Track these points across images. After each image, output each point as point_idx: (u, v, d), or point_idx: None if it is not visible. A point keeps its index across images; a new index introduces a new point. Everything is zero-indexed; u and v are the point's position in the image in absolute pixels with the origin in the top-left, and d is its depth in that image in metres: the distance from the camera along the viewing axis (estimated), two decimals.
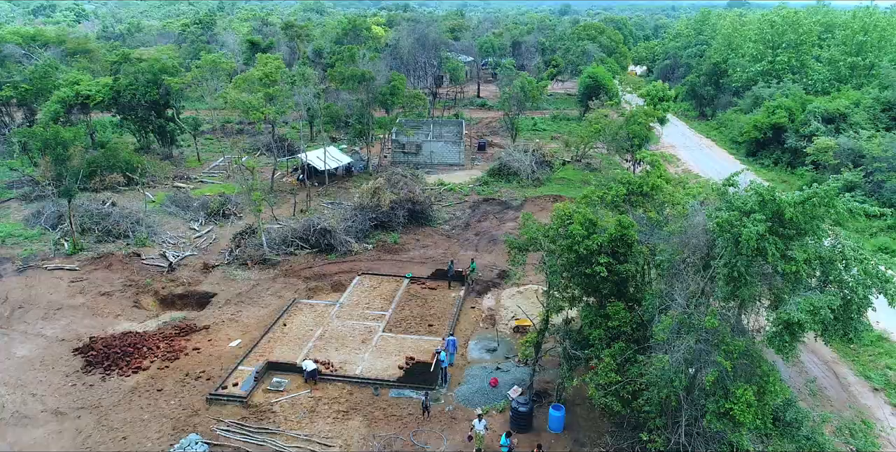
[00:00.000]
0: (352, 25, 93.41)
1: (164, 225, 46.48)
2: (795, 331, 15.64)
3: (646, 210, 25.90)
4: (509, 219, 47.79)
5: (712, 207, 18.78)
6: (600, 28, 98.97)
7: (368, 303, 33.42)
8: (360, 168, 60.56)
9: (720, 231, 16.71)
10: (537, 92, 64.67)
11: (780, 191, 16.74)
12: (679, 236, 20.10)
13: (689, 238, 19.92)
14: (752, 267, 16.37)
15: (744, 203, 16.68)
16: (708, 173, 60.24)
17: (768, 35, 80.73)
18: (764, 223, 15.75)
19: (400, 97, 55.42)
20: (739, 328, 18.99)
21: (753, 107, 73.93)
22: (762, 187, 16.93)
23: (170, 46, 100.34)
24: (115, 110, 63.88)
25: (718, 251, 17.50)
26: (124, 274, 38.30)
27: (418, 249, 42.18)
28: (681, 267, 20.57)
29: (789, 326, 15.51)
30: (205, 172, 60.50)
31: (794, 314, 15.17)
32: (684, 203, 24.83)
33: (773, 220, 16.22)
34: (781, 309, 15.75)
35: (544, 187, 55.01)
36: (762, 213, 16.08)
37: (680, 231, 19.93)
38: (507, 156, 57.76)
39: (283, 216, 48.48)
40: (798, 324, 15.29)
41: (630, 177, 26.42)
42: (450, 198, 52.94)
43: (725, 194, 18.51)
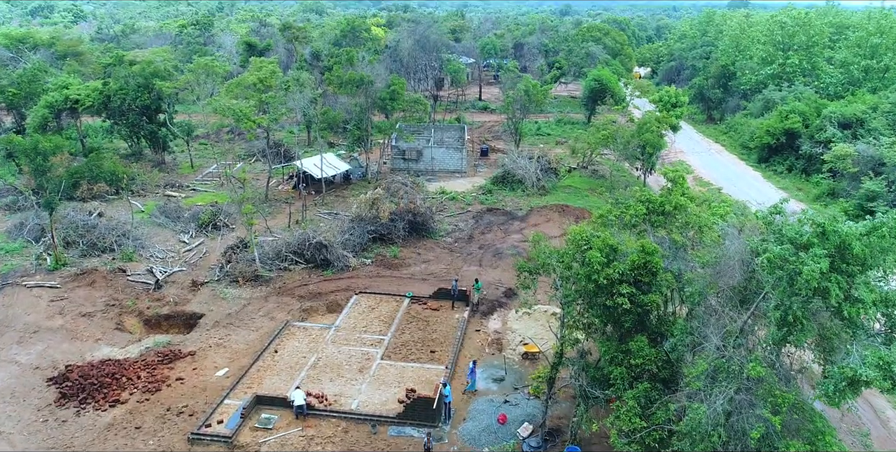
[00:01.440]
0: (351, 27, 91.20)
1: (152, 237, 44.31)
2: (859, 388, 13.46)
3: (668, 231, 23.73)
4: (514, 231, 45.61)
5: (755, 237, 16.56)
6: (605, 29, 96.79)
7: (366, 326, 31.25)
8: (358, 175, 58.37)
9: (770, 267, 14.50)
10: (542, 96, 62.48)
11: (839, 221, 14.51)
12: (712, 267, 17.90)
13: (724, 269, 17.76)
14: (809, 309, 14.17)
15: (798, 234, 14.46)
16: (719, 180, 58.13)
17: (778, 36, 78.57)
18: (826, 259, 13.55)
19: (400, 102, 53.24)
20: (784, 373, 16.80)
21: (764, 112, 71.78)
22: (820, 216, 14.71)
23: (165, 48, 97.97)
24: (105, 115, 61.80)
25: (765, 288, 15.30)
26: (108, 292, 36.13)
27: (419, 264, 40.00)
28: (714, 301, 18.40)
29: (853, 383, 13.33)
30: (198, 179, 58.33)
31: (862, 370, 13.00)
32: (710, 223, 22.67)
33: (835, 255, 14.03)
34: (845, 362, 13.57)
35: (550, 196, 52.81)
36: (822, 247, 13.87)
37: (713, 261, 17.72)
38: (510, 163, 55.57)
39: (277, 227, 46.31)
40: (865, 382, 13.13)
41: (650, 195, 24.22)
42: (452, 207, 50.75)
43: (772, 223, 16.28)
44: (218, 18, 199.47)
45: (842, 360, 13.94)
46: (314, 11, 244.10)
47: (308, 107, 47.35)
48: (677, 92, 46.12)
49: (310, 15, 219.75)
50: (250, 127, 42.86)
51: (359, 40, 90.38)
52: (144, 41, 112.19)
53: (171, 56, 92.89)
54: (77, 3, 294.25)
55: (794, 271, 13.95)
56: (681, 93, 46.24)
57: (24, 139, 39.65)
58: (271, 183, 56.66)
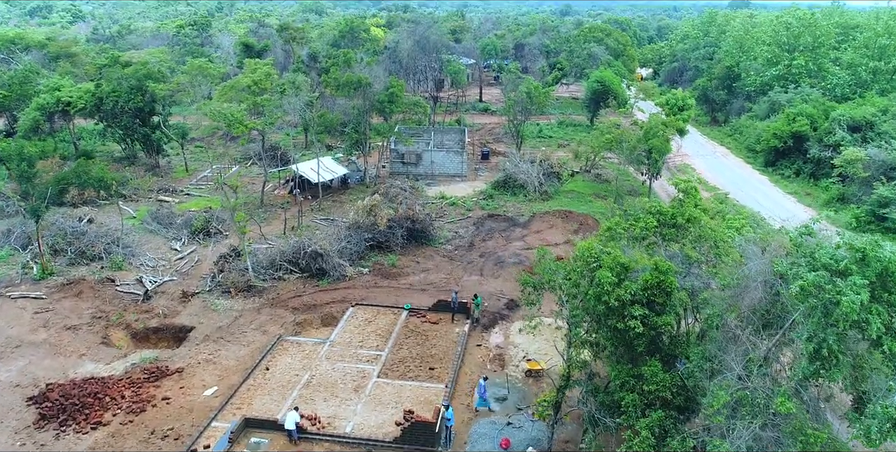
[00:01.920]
0: (349, 27, 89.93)
1: (143, 244, 43.01)
2: None
3: (681, 245, 22.43)
4: (516, 238, 44.29)
5: (782, 260, 15.22)
6: (607, 30, 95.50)
7: (362, 341, 29.93)
8: (356, 179, 57.06)
9: (803, 295, 13.18)
10: (544, 98, 61.18)
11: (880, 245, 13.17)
12: (733, 289, 16.58)
13: (745, 290, 16.44)
14: (846, 343, 12.86)
15: (834, 260, 13.13)
16: (725, 184, 56.80)
17: (783, 37, 77.26)
18: (866, 289, 12.24)
19: (399, 104, 51.94)
20: (811, 405, 15.48)
21: (770, 114, 70.53)
22: (859, 240, 13.38)
23: (161, 49, 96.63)
24: (97, 117, 60.52)
25: (793, 315, 13.97)
26: (95, 303, 34.80)
27: (418, 273, 38.67)
28: (734, 325, 17.08)
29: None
30: (192, 183, 56.99)
31: None
32: (725, 237, 21.35)
33: (876, 283, 12.72)
34: (888, 401, 12.25)
35: (553, 201, 51.49)
36: (862, 275, 12.55)
37: (735, 283, 16.40)
38: (512, 167, 54.24)
39: (272, 234, 45.01)
40: None
41: (661, 206, 22.90)
42: (452, 213, 49.44)
43: (802, 245, 14.94)
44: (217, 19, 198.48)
45: (883, 397, 12.60)
46: (314, 11, 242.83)
47: (304, 111, 46.00)
48: (684, 95, 44.81)
49: (309, 15, 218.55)
50: (242, 131, 41.53)
51: (358, 41, 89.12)
52: (141, 42, 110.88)
53: (167, 57, 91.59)
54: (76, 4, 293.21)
55: (830, 301, 12.64)
56: (687, 95, 44.87)
57: (8, 144, 38.27)
58: (267, 187, 55.36)
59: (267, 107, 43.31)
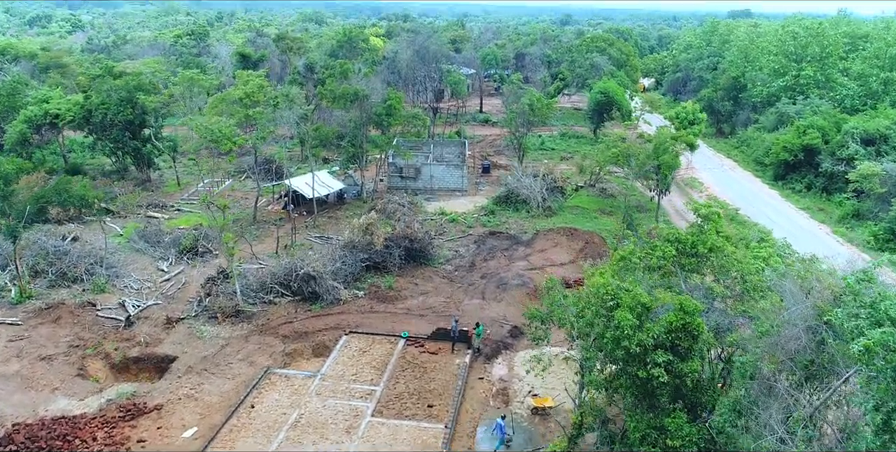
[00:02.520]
0: (348, 37, 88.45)
1: (129, 264, 41.06)
2: None
3: (702, 276, 20.48)
4: (519, 257, 42.30)
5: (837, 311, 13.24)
6: (609, 40, 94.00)
7: (356, 374, 27.90)
8: (353, 194, 55.18)
9: (867, 356, 11.23)
10: (547, 110, 59.43)
11: None
12: (772, 337, 14.61)
13: (786, 339, 14.46)
14: None
15: None
16: (734, 199, 54.91)
17: (791, 47, 75.63)
18: None
19: (397, 117, 50.13)
20: None
21: (778, 126, 68.76)
22: None
23: (157, 59, 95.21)
24: (87, 130, 58.80)
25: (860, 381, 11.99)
26: (73, 330, 32.81)
27: (416, 297, 36.67)
28: (771, 376, 15.10)
29: None
30: (183, 198, 55.09)
31: None
32: (753, 270, 19.38)
33: None
34: None
35: (557, 217, 49.57)
36: None
37: (774, 330, 14.43)
38: (514, 181, 52.39)
39: (264, 253, 43.05)
40: None
41: (679, 234, 20.97)
42: (452, 230, 47.52)
43: (860, 294, 12.98)
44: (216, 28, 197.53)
45: None
46: (313, 21, 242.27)
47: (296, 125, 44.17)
48: (694, 108, 43.02)
49: (308, 25, 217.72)
50: (230, 148, 39.67)
51: (356, 51, 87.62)
52: (137, 52, 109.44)
53: (162, 67, 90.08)
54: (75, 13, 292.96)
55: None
56: (697, 109, 43.08)
57: None
58: (261, 202, 53.46)
59: (259, 120, 41.46)
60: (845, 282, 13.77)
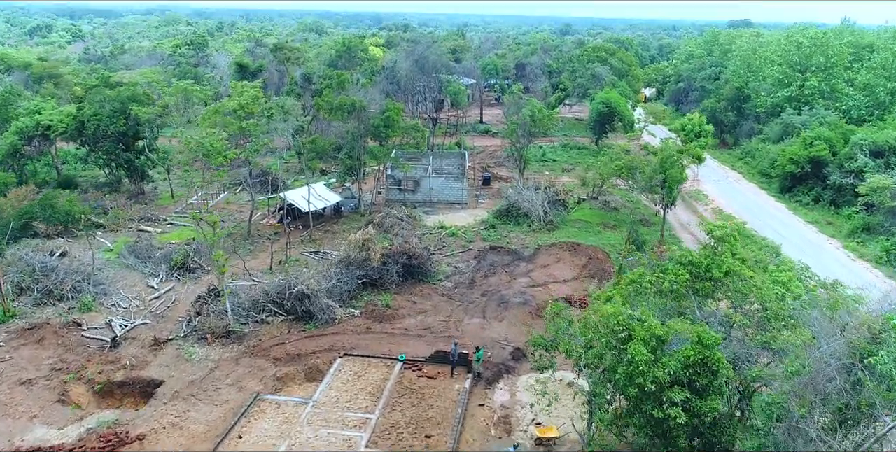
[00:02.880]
0: (347, 47, 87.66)
1: (118, 281, 39.79)
2: None
3: (716, 300, 19.18)
4: (521, 274, 40.99)
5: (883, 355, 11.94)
6: (611, 50, 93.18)
7: (350, 401, 26.52)
8: (350, 207, 53.96)
9: None
10: (548, 121, 58.28)
11: None
12: (803, 376, 13.29)
13: (818, 379, 13.15)
14: None
15: None
16: (740, 212, 53.65)
17: (795, 57, 74.65)
18: None
19: (395, 129, 49.00)
20: None
21: (783, 137, 67.66)
22: None
23: (154, 69, 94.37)
24: (79, 142, 57.73)
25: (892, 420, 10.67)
26: (57, 351, 31.47)
27: (414, 315, 35.33)
28: (800, 418, 13.76)
29: None
30: (177, 211, 53.86)
31: None
32: (773, 296, 18.08)
33: None
34: None
35: (559, 231, 48.32)
36: None
37: (806, 371, 13.12)
38: (515, 194, 51.16)
39: (258, 269, 41.77)
40: None
41: (692, 256, 19.69)
42: (452, 245, 46.25)
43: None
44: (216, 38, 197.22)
45: None
46: (314, 31, 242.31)
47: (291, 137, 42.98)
48: (701, 120, 41.88)
49: (309, 34, 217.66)
50: (221, 162, 38.49)
51: (355, 61, 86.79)
52: (134, 62, 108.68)
53: (159, 77, 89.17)
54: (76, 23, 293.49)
55: None
56: (704, 121, 41.93)
57: None
58: (256, 216, 52.26)
59: (253, 132, 40.29)
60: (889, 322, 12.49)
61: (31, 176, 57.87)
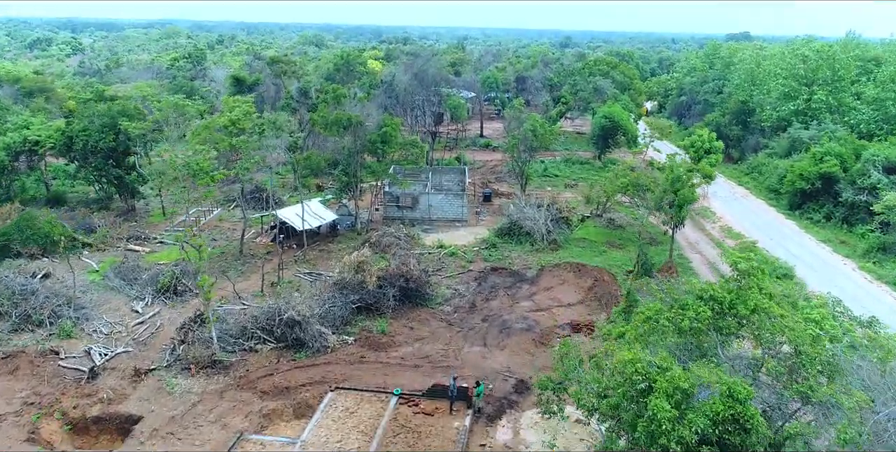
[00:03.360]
0: (345, 60, 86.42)
1: (101, 305, 38.02)
2: None
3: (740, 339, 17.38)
4: (523, 297, 39.16)
5: None
6: (612, 63, 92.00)
7: (341, 440, 24.60)
8: (346, 225, 52.24)
9: None
10: (550, 136, 56.81)
11: None
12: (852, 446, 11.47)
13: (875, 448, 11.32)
14: None
15: None
16: (750, 230, 51.93)
17: (801, 70, 73.29)
18: None
19: (393, 145, 47.40)
20: None
21: (791, 151, 66.08)
22: None
23: (150, 83, 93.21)
24: (68, 158, 56.16)
25: None
26: (31, 383, 29.63)
27: (411, 343, 33.47)
28: None
29: None
30: (167, 230, 52.14)
31: None
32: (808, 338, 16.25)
33: None
34: None
35: (563, 251, 46.53)
36: None
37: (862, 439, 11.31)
38: (517, 212, 49.45)
39: (249, 291, 39.97)
40: None
41: (714, 291, 17.91)
42: (451, 265, 44.44)
43: None
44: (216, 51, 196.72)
45: None
46: (314, 44, 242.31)
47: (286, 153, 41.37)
48: (711, 136, 40.29)
49: (309, 47, 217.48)
50: (208, 183, 36.81)
51: (353, 74, 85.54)
52: (131, 75, 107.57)
53: (154, 91, 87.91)
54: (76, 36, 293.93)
55: None
56: (714, 136, 40.33)
57: None
58: (249, 234, 50.55)
59: (244, 149, 38.67)
60: None
61: (20, 192, 56.24)
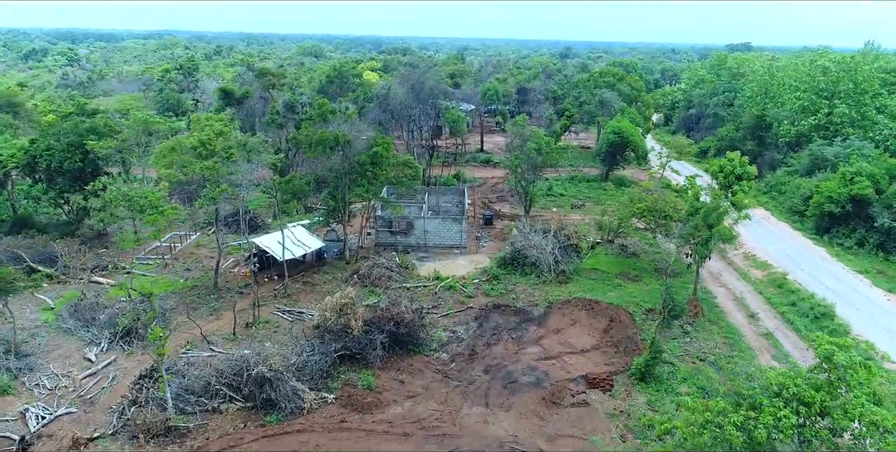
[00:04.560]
0: (338, 72, 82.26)
1: (50, 351, 33.51)
2: None
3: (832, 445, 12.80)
4: (530, 341, 34.53)
5: None
6: (619, 74, 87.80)
7: None
8: (334, 253, 47.70)
9: None
10: (556, 154, 52.37)
11: None
12: None
13: None
14: None
15: None
16: (777, 258, 47.36)
17: (821, 83, 69.03)
18: None
19: (384, 167, 42.89)
20: None
21: (812, 169, 61.64)
22: None
23: (134, 95, 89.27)
24: (32, 178, 51.79)
25: None
26: None
27: (401, 401, 28.80)
28: None
29: None
30: (139, 258, 47.60)
31: None
32: None
33: None
34: None
35: (572, 284, 41.93)
36: None
37: None
38: (521, 239, 44.87)
39: (221, 334, 35.37)
40: None
41: (796, 385, 13.30)
42: (449, 301, 39.84)
43: None
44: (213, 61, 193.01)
45: None
46: (312, 55, 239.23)
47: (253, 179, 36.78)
48: (743, 160, 35.79)
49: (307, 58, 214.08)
50: (157, 221, 32.21)
51: (348, 87, 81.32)
52: (116, 87, 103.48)
53: (139, 104, 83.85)
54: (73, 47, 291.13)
55: None
56: (745, 160, 35.79)
57: None
58: (226, 264, 46.05)
59: (210, 176, 34.15)
60: None
61: None
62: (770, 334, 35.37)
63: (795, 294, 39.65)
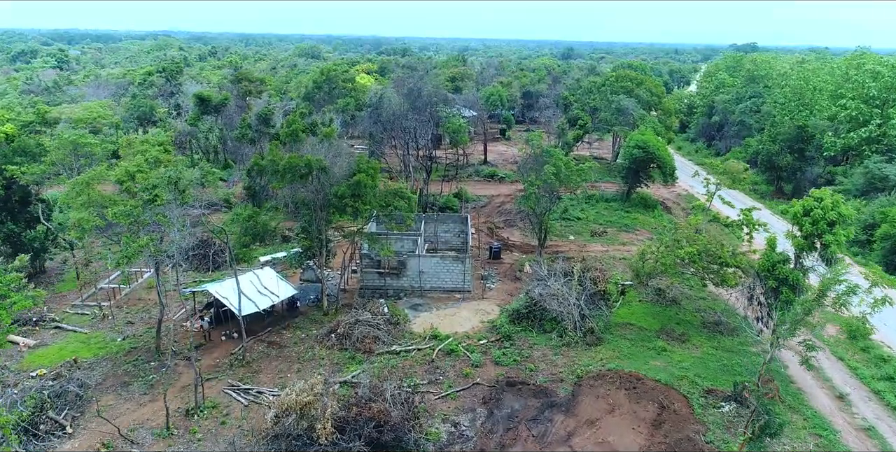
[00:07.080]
0: (326, 77, 73.80)
1: None
2: None
3: None
4: (557, 441, 26.08)
5: None
6: (638, 79, 79.28)
7: None
8: (310, 300, 39.36)
9: None
10: (577, 177, 44.07)
11: None
12: None
13: None
14: None
15: None
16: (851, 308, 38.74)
17: (872, 90, 60.68)
18: None
19: (368, 199, 34.41)
20: None
21: (868, 189, 53.33)
22: None
23: (103, 102, 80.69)
24: None
25: None
26: None
27: None
28: None
29: None
30: (75, 304, 39.33)
31: None
32: None
33: None
34: None
35: (604, 347, 33.52)
36: None
37: None
38: (538, 287, 36.48)
39: (150, 426, 27.03)
40: None
41: None
42: (449, 371, 31.48)
43: None
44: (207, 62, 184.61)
45: None
46: (309, 56, 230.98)
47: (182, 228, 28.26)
48: (837, 198, 27.36)
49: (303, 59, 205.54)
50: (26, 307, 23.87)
51: (338, 92, 72.94)
52: (87, 93, 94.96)
53: (108, 111, 75.47)
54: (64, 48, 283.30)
55: None
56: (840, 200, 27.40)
57: None
58: (177, 315, 37.75)
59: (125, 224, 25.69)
60: None
61: None
62: (872, 429, 26.97)
63: (889, 362, 31.23)
